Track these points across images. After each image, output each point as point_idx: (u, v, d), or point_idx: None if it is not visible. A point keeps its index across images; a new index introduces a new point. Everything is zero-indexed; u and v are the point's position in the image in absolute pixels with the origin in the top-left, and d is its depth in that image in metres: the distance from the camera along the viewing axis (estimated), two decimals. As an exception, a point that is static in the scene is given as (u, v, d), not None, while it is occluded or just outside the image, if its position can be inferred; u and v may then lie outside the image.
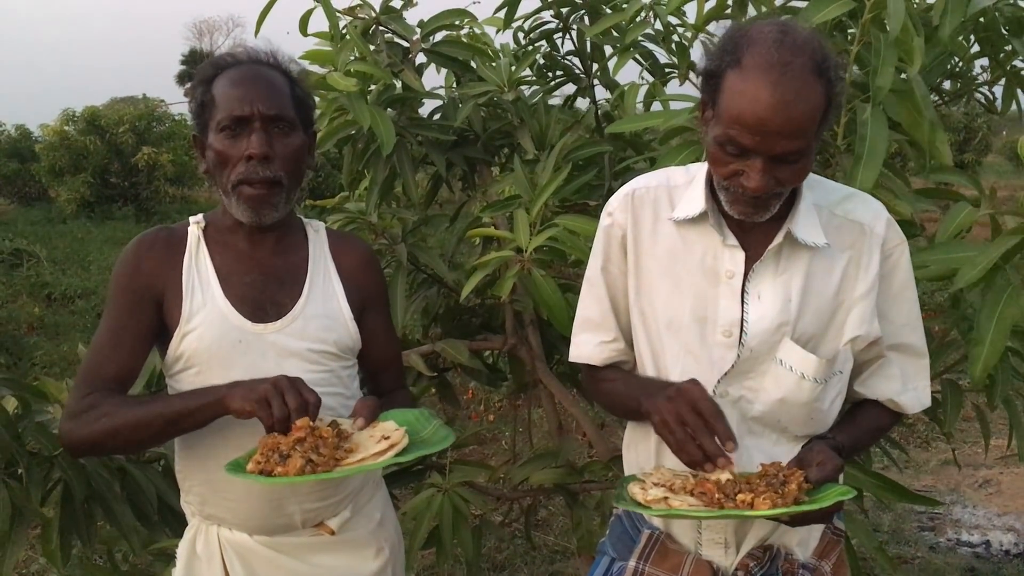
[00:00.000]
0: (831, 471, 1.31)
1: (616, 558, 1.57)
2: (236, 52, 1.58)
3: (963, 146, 18.29)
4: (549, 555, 3.76)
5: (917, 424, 5.02)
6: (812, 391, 1.41)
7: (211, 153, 1.52)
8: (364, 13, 2.25)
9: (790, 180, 1.33)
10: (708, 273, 1.43)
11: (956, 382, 2.13)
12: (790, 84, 1.25)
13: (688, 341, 1.44)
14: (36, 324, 8.19)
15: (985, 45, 2.12)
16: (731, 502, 1.24)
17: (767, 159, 1.28)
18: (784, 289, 1.40)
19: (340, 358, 1.62)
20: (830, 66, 1.30)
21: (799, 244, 1.40)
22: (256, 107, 1.49)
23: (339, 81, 2.05)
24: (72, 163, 17.24)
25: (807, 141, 1.28)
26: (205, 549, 1.61)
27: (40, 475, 1.86)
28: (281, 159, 1.52)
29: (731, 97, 1.29)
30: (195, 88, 1.55)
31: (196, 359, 1.52)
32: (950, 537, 3.95)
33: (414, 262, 2.41)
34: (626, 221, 1.49)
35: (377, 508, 1.73)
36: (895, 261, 1.45)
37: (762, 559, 1.46)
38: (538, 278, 1.96)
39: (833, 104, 1.31)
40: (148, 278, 1.54)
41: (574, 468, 2.30)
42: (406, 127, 2.28)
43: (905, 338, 1.48)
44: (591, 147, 2.25)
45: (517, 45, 2.59)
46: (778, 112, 1.25)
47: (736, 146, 1.29)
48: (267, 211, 1.53)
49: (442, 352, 2.34)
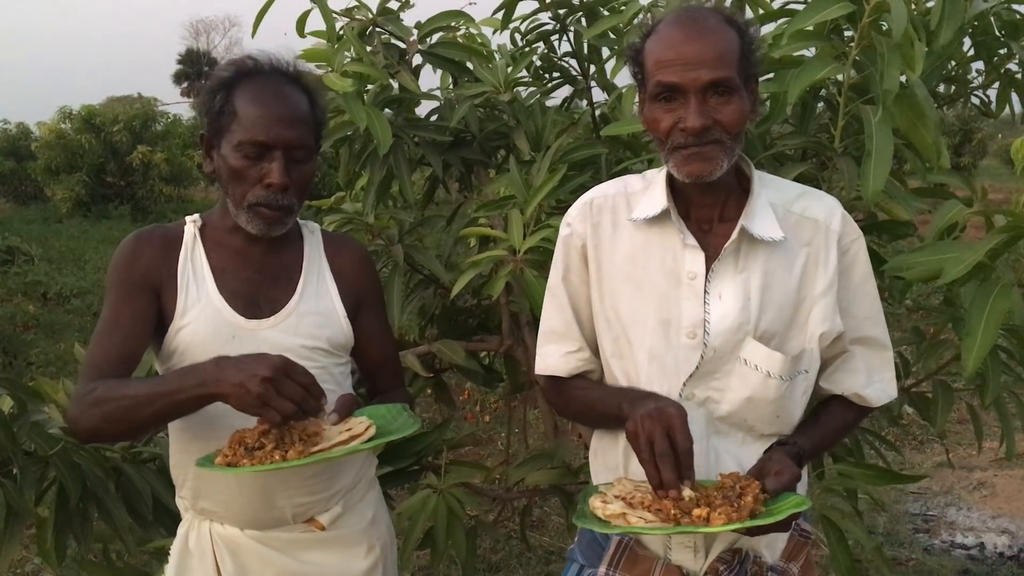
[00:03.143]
0: (788, 480, 1.31)
1: (586, 565, 1.57)
2: (259, 57, 1.57)
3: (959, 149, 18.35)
4: (544, 556, 3.77)
5: (912, 426, 5.04)
6: (778, 389, 1.41)
7: (225, 166, 1.53)
8: (361, 14, 2.25)
9: (727, 122, 1.36)
10: (669, 275, 1.44)
11: (948, 382, 2.14)
12: (702, 23, 1.35)
13: (653, 344, 1.44)
14: (31, 323, 8.18)
15: (980, 48, 2.13)
16: (687, 517, 1.25)
17: (698, 96, 1.34)
18: (744, 287, 1.41)
19: (333, 355, 1.63)
20: (738, 18, 1.39)
21: (756, 241, 1.41)
22: (280, 136, 1.50)
23: (336, 82, 2.04)
24: (68, 162, 17.24)
25: (729, 72, 1.34)
26: (197, 545, 1.62)
27: (35, 475, 1.86)
28: (296, 187, 1.55)
29: (650, 52, 1.38)
30: (213, 90, 1.54)
31: (190, 354, 1.53)
32: (944, 539, 3.95)
33: (411, 263, 2.41)
34: (585, 230, 1.50)
35: (369, 507, 1.74)
36: (853, 256, 1.46)
37: (731, 562, 1.47)
38: (531, 278, 1.96)
39: (749, 50, 1.38)
40: (145, 270, 1.55)
41: (569, 469, 2.30)
42: (403, 128, 2.28)
43: (868, 331, 1.49)
44: (587, 149, 2.25)
45: (514, 46, 2.59)
46: (693, 40, 1.33)
47: (666, 91, 1.35)
48: (278, 228, 1.57)
49: (438, 353, 2.35)
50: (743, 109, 1.37)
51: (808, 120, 1.96)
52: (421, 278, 2.58)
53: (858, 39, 1.75)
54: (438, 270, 2.40)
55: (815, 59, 1.73)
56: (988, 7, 1.93)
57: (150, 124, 18.51)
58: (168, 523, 2.00)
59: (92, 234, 14.45)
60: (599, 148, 2.25)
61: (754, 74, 1.41)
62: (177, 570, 1.64)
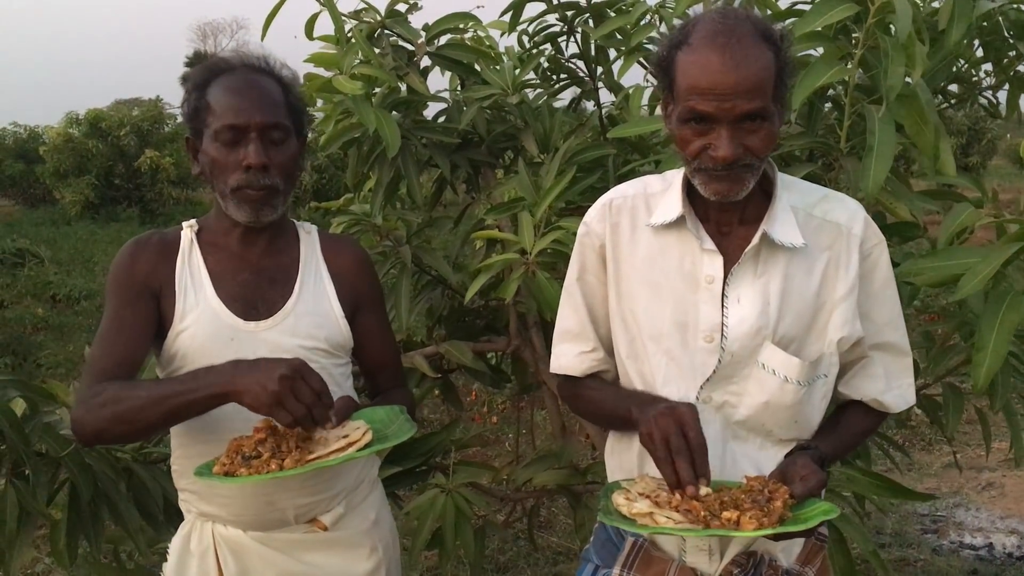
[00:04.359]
0: (815, 485, 1.31)
1: (600, 565, 1.57)
2: (229, 57, 1.61)
3: (967, 149, 18.27)
4: (552, 556, 3.77)
5: (920, 427, 5.02)
6: (796, 394, 1.41)
7: (207, 159, 1.55)
8: (369, 17, 2.26)
9: (757, 148, 1.33)
10: (687, 278, 1.43)
11: (957, 385, 2.14)
12: (738, 46, 1.29)
13: (670, 347, 1.44)
14: (41, 325, 8.22)
15: (989, 49, 2.13)
16: (717, 520, 1.24)
17: (731, 125, 1.30)
18: (763, 292, 1.40)
19: (332, 355, 1.65)
20: (774, 34, 1.33)
21: (776, 246, 1.40)
22: (253, 117, 1.52)
23: (345, 84, 2.06)
24: (76, 165, 17.32)
25: (764, 102, 1.30)
26: (199, 545, 1.63)
27: (47, 476, 1.87)
28: (277, 167, 1.56)
29: (684, 71, 1.32)
30: (189, 93, 1.58)
31: (190, 357, 1.55)
32: (953, 540, 3.94)
33: (418, 264, 2.41)
34: (604, 231, 1.50)
35: (372, 508, 1.74)
36: (874, 260, 1.45)
37: (746, 566, 1.46)
38: (542, 280, 1.97)
39: (784, 70, 1.34)
40: (144, 275, 1.57)
41: (577, 469, 2.30)
42: (411, 130, 2.29)
43: (887, 337, 1.48)
44: (595, 150, 2.25)
45: (522, 48, 2.60)
46: (730, 71, 1.28)
47: (698, 117, 1.31)
48: (266, 211, 1.57)
49: (446, 354, 2.36)
50: (775, 132, 1.35)
51: (815, 121, 1.96)
52: (429, 279, 2.59)
53: (863, 39, 1.75)
54: (446, 271, 2.41)
55: (820, 61, 1.72)
56: (995, 6, 1.92)
57: (158, 126, 18.58)
58: (179, 523, 2.00)
59: (101, 236, 14.50)
60: (607, 149, 2.26)
61: (786, 91, 1.38)
62: (176, 570, 1.65)
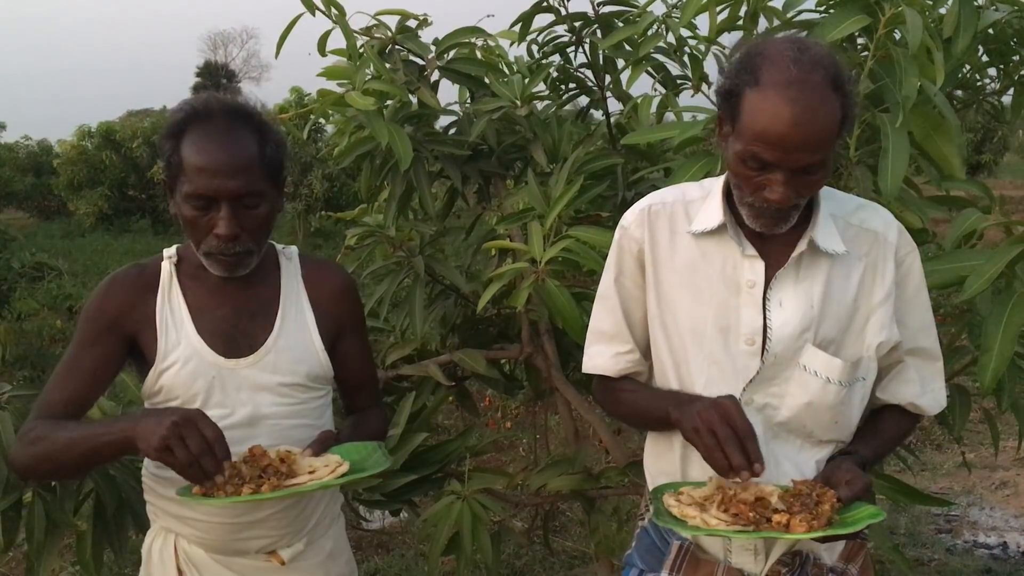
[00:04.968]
0: (860, 489, 1.35)
1: (645, 570, 1.59)
2: (207, 100, 1.55)
3: (980, 146, 18.16)
4: (567, 560, 3.79)
5: (932, 427, 5.02)
6: (837, 394, 1.45)
7: (180, 213, 1.54)
8: (380, 33, 2.30)
9: (809, 191, 1.38)
10: (728, 283, 1.47)
11: (964, 386, 2.16)
12: (808, 100, 1.29)
13: (712, 351, 1.47)
14: (58, 336, 8.28)
15: (994, 56, 2.16)
16: (767, 523, 1.29)
17: (789, 172, 1.33)
18: (806, 296, 1.44)
19: (311, 389, 1.66)
20: (845, 80, 1.34)
21: (819, 252, 1.44)
22: (225, 185, 1.48)
23: (357, 100, 2.09)
24: (90, 177, 17.43)
25: (826, 154, 1.33)
26: (160, 557, 1.65)
27: (73, 487, 1.91)
28: (249, 232, 1.53)
29: (751, 115, 1.33)
30: (163, 140, 1.54)
31: (174, 393, 1.57)
32: (967, 539, 3.95)
33: (431, 273, 2.45)
34: (642, 236, 1.52)
35: (330, 540, 1.75)
36: (908, 267, 1.49)
37: (792, 565, 1.50)
38: (552, 288, 2.00)
39: (848, 116, 1.36)
40: (115, 315, 1.57)
41: (591, 474, 2.32)
42: (422, 142, 2.33)
43: (920, 342, 1.52)
44: (603, 159, 2.29)
45: (531, 58, 2.63)
46: (798, 128, 1.29)
47: (758, 161, 1.34)
48: (240, 269, 1.57)
49: (460, 362, 2.39)
50: (826, 178, 1.39)
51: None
52: (442, 288, 2.63)
53: (874, 50, 1.78)
54: (458, 280, 2.44)
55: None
56: (1001, 17, 1.95)
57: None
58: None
59: (115, 247, 14.60)
60: (616, 158, 2.29)
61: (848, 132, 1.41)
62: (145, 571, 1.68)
